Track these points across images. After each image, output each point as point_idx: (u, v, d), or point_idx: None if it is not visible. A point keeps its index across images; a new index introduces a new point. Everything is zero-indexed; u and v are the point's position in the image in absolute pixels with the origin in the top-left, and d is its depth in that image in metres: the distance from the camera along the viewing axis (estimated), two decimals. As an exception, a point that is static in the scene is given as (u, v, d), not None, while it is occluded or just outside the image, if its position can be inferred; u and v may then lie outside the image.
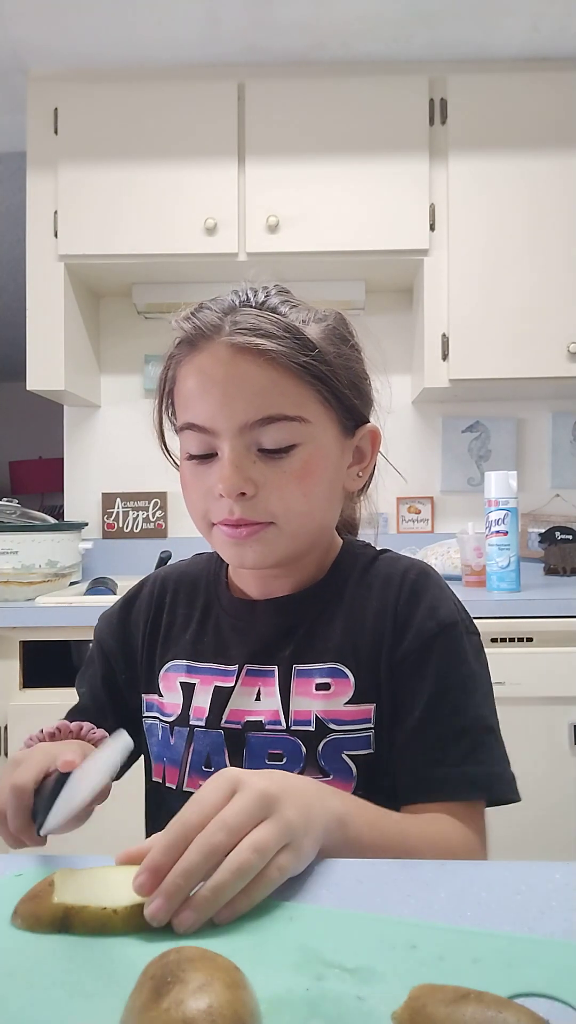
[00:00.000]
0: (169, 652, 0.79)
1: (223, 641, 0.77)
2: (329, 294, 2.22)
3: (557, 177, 2.01)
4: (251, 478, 0.67)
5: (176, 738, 0.75)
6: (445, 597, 0.74)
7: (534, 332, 2.00)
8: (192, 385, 0.68)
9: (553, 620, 1.69)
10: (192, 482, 0.71)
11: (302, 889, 0.50)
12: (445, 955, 0.42)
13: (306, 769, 0.70)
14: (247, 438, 0.67)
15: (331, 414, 0.71)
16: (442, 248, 2.03)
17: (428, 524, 2.36)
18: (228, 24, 1.90)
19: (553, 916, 0.46)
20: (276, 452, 0.67)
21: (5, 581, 1.84)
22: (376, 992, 0.39)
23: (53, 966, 0.42)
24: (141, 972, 0.37)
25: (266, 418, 0.66)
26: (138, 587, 0.87)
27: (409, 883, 0.51)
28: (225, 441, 0.67)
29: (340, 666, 0.72)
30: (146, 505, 2.37)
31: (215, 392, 0.66)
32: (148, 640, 0.81)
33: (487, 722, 0.70)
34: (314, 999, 0.38)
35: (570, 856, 1.59)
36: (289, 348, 0.66)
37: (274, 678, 0.73)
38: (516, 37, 1.96)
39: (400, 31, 1.94)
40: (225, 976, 0.35)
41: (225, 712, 0.73)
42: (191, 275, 2.18)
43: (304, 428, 0.68)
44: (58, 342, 2.06)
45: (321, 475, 0.70)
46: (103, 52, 2.00)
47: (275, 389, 0.66)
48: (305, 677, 0.72)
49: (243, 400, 0.66)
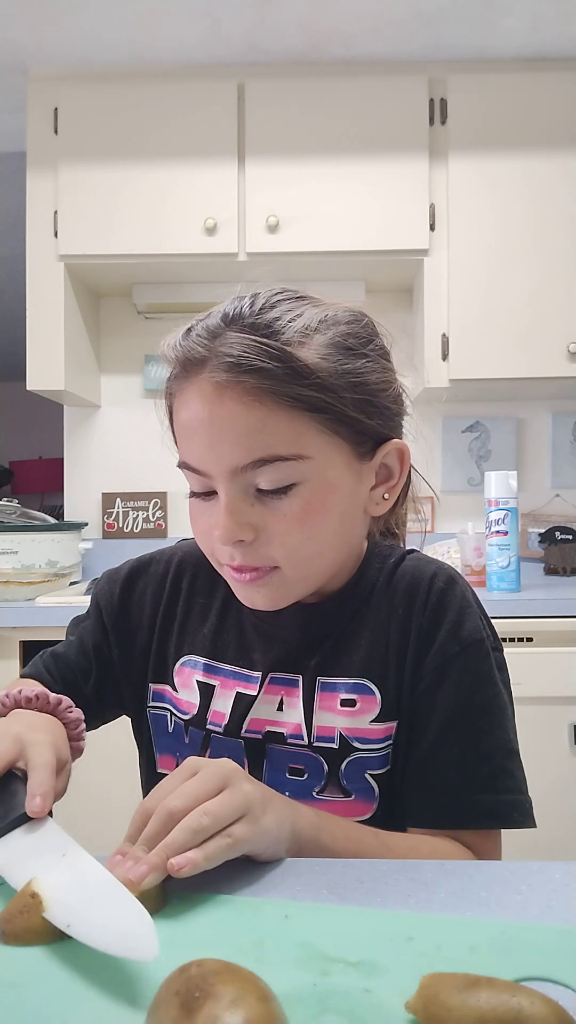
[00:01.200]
0: (185, 644, 0.75)
1: (246, 642, 0.73)
2: (329, 294, 2.21)
3: (557, 177, 2.01)
4: (249, 523, 0.61)
5: (191, 738, 0.72)
6: (471, 611, 0.69)
7: (534, 332, 2.00)
8: (183, 422, 0.63)
9: (553, 620, 1.69)
10: (197, 518, 0.67)
11: (302, 888, 0.50)
12: (443, 945, 0.43)
13: (327, 787, 0.67)
14: (241, 481, 0.61)
15: (337, 442, 0.63)
16: (442, 248, 2.03)
17: (428, 524, 2.36)
18: (228, 24, 1.90)
19: (553, 916, 0.46)
20: (274, 493, 0.61)
21: (5, 581, 1.84)
22: (382, 984, 0.39)
23: (52, 976, 0.41)
24: (160, 987, 0.36)
25: (257, 460, 0.60)
26: (148, 562, 0.80)
27: (409, 883, 0.51)
28: (219, 484, 0.62)
29: (366, 682, 0.68)
30: (146, 505, 2.37)
31: (202, 433, 0.61)
32: (162, 626, 0.76)
33: (510, 745, 0.67)
34: (323, 994, 0.38)
35: (570, 856, 1.59)
36: (280, 378, 0.58)
37: (298, 688, 0.69)
38: (516, 37, 1.96)
39: (400, 31, 1.94)
40: (256, 989, 0.35)
41: (246, 721, 0.70)
42: (191, 275, 2.18)
43: (303, 465, 0.61)
44: (58, 342, 2.06)
45: (327, 512, 0.63)
46: (103, 52, 2.00)
47: (264, 428, 0.59)
48: (330, 691, 0.69)
49: (230, 443, 0.60)
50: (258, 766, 0.69)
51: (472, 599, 0.71)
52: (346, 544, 0.69)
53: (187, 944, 0.43)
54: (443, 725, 0.66)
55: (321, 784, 0.68)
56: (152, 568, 0.79)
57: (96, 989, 0.39)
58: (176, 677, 0.75)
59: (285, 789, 0.67)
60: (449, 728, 0.66)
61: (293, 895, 0.49)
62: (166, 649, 0.76)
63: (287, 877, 0.52)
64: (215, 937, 0.44)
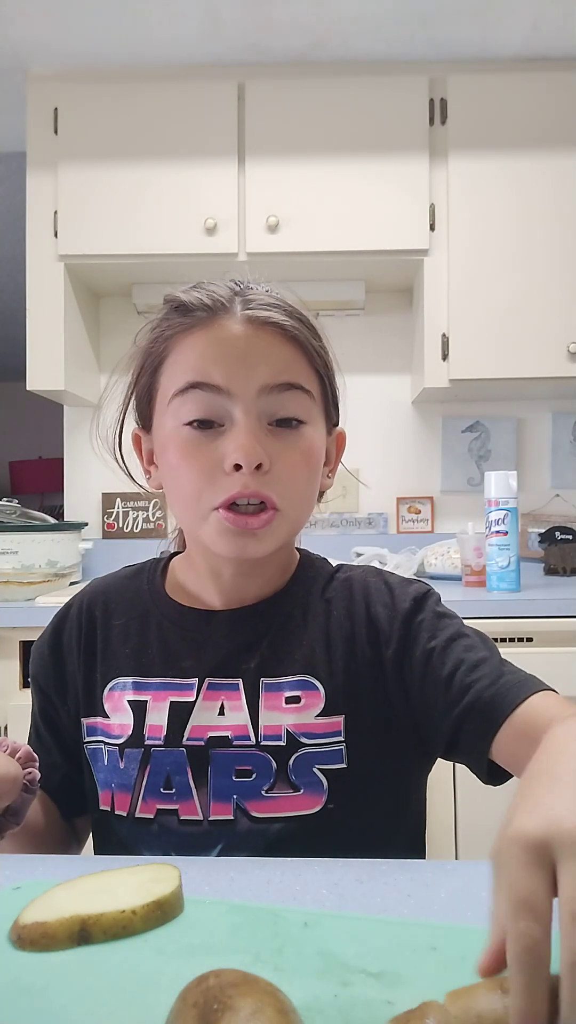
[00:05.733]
0: (111, 670, 0.73)
1: (172, 653, 0.72)
2: (329, 294, 2.22)
3: (556, 177, 2.01)
4: (266, 450, 0.64)
5: (127, 761, 0.70)
6: (407, 580, 0.75)
7: (534, 332, 2.00)
8: (204, 349, 0.65)
9: (553, 620, 1.69)
10: (189, 457, 0.65)
11: (302, 891, 0.50)
12: (467, 955, 0.41)
13: (276, 784, 0.67)
14: (262, 405, 0.65)
15: (324, 404, 0.71)
16: (442, 248, 2.03)
17: (428, 524, 2.36)
18: (228, 24, 1.90)
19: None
20: (288, 426, 0.66)
21: (5, 581, 1.84)
22: (405, 996, 0.38)
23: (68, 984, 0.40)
24: (177, 998, 0.36)
25: (286, 384, 0.65)
26: (64, 611, 0.80)
27: (409, 883, 0.51)
28: (239, 406, 0.64)
29: (309, 678, 0.69)
30: (146, 505, 2.37)
31: (234, 354, 0.64)
32: (84, 662, 0.75)
33: (499, 655, 0.69)
34: (344, 1006, 0.37)
35: (570, 856, 1.59)
36: (303, 330, 0.67)
37: (239, 691, 0.69)
38: (516, 37, 1.96)
39: (400, 31, 1.94)
40: (274, 1001, 0.35)
41: (187, 729, 0.69)
42: (191, 275, 2.13)
43: (312, 407, 0.68)
44: (58, 342, 2.06)
45: (318, 461, 0.69)
46: (103, 52, 2.00)
47: (294, 362, 0.66)
48: (274, 691, 0.69)
49: (264, 364, 0.64)
50: (202, 773, 0.68)
51: (400, 576, 0.76)
52: (312, 507, 0.72)
53: (205, 951, 0.42)
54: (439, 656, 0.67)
55: (270, 782, 0.67)
56: (69, 614, 0.79)
57: (113, 998, 0.39)
58: (106, 704, 0.73)
59: (232, 792, 0.67)
60: (443, 655, 0.67)
61: (292, 895, 0.49)
62: (92, 681, 0.74)
63: (285, 876, 0.52)
64: (233, 944, 0.43)
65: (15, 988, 0.39)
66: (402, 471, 2.34)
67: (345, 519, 2.35)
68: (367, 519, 2.36)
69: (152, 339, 0.70)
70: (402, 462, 2.35)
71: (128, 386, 0.73)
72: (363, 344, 2.35)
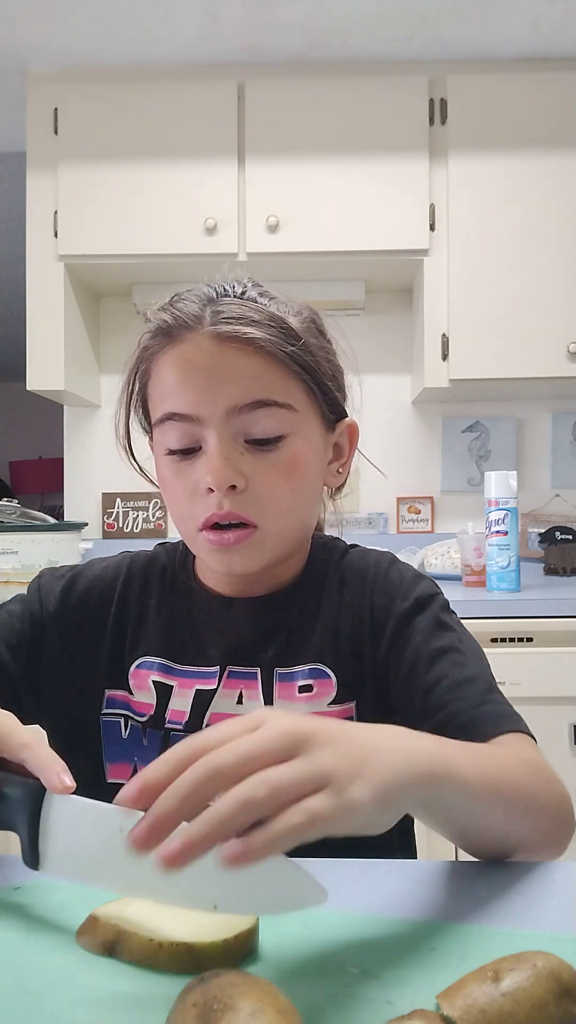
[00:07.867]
0: (140, 647, 0.73)
1: (200, 640, 0.73)
2: (329, 294, 2.22)
3: (556, 177, 2.01)
4: (240, 470, 0.63)
5: (149, 739, 0.70)
6: (419, 577, 0.74)
7: (534, 332, 2.00)
8: (172, 374, 0.65)
9: (553, 620, 1.69)
10: (173, 481, 0.66)
11: (302, 889, 0.50)
12: (466, 955, 0.42)
13: None
14: (234, 426, 0.64)
15: (315, 406, 0.69)
16: (442, 248, 2.03)
17: (428, 524, 2.36)
18: (228, 23, 1.90)
19: (553, 916, 0.46)
20: (265, 443, 0.64)
21: (5, 581, 1.84)
22: (405, 995, 0.38)
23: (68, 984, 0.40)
24: (177, 998, 0.36)
25: (255, 402, 0.63)
26: (96, 569, 0.77)
27: (409, 883, 0.51)
28: (211, 430, 0.63)
29: (321, 666, 0.70)
30: (146, 505, 2.37)
31: (199, 378, 0.63)
32: (114, 632, 0.74)
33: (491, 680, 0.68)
34: (344, 1006, 0.38)
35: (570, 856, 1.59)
36: (275, 336, 0.64)
37: (257, 680, 0.70)
38: (516, 37, 1.96)
39: (400, 31, 1.94)
40: (274, 1001, 0.34)
41: (207, 716, 0.70)
42: (191, 275, 2.15)
43: (292, 417, 0.65)
44: (58, 342, 2.06)
45: (308, 468, 0.67)
46: (103, 52, 2.00)
47: (263, 375, 0.64)
48: (288, 681, 0.70)
49: (230, 384, 0.63)
50: None
51: (414, 570, 0.76)
52: (312, 510, 0.72)
53: None
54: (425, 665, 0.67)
55: None
56: (104, 576, 0.77)
57: (112, 998, 0.39)
58: (132, 680, 0.73)
59: None
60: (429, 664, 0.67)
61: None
62: (120, 653, 0.74)
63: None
64: None
65: (15, 989, 0.39)
66: (402, 471, 2.34)
67: (345, 519, 2.34)
68: (367, 519, 2.35)
69: (137, 359, 0.71)
70: (402, 462, 2.34)
71: (120, 410, 0.74)
72: (363, 344, 2.33)
